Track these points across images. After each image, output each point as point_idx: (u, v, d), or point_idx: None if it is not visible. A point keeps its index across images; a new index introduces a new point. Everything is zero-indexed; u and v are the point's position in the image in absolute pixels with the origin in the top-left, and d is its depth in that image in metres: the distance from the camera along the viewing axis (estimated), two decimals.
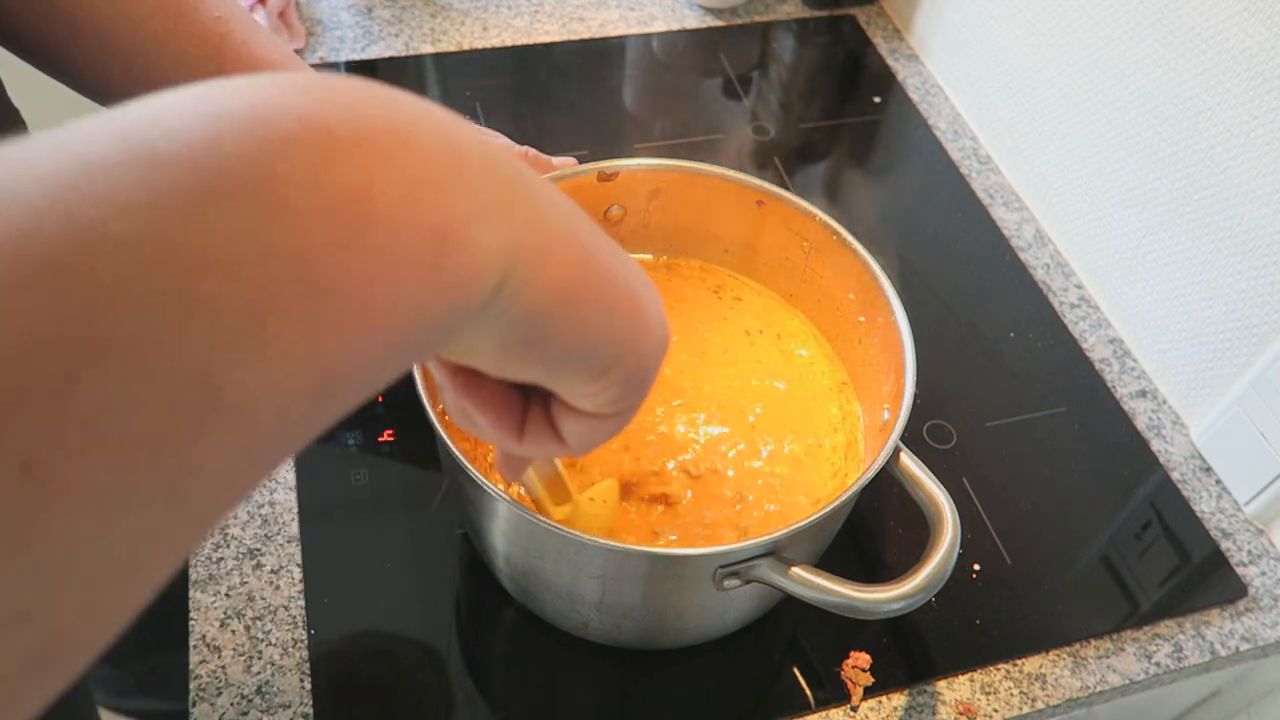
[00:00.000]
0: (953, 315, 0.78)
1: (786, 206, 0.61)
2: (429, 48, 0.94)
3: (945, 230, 0.84)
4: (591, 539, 0.47)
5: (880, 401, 0.58)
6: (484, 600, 0.60)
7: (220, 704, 0.54)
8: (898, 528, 0.65)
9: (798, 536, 0.48)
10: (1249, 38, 0.63)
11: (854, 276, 0.60)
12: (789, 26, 1.01)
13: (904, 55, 1.00)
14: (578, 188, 0.61)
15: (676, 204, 0.64)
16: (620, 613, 0.52)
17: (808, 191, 0.87)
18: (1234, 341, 0.68)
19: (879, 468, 0.50)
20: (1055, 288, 0.81)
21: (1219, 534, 0.67)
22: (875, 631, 0.60)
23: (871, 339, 0.59)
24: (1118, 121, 0.75)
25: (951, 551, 0.48)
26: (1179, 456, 0.71)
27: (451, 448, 0.47)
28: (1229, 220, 0.67)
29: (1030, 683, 0.59)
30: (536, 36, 0.96)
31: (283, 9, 0.89)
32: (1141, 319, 0.76)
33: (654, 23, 0.99)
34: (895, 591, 0.46)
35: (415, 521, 0.62)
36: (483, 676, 0.57)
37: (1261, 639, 0.63)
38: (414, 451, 0.65)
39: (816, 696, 0.57)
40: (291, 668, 0.56)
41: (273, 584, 0.59)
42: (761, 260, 0.66)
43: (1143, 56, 0.72)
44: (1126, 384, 0.75)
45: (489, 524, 0.51)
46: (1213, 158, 0.67)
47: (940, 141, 0.91)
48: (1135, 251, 0.76)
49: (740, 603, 0.53)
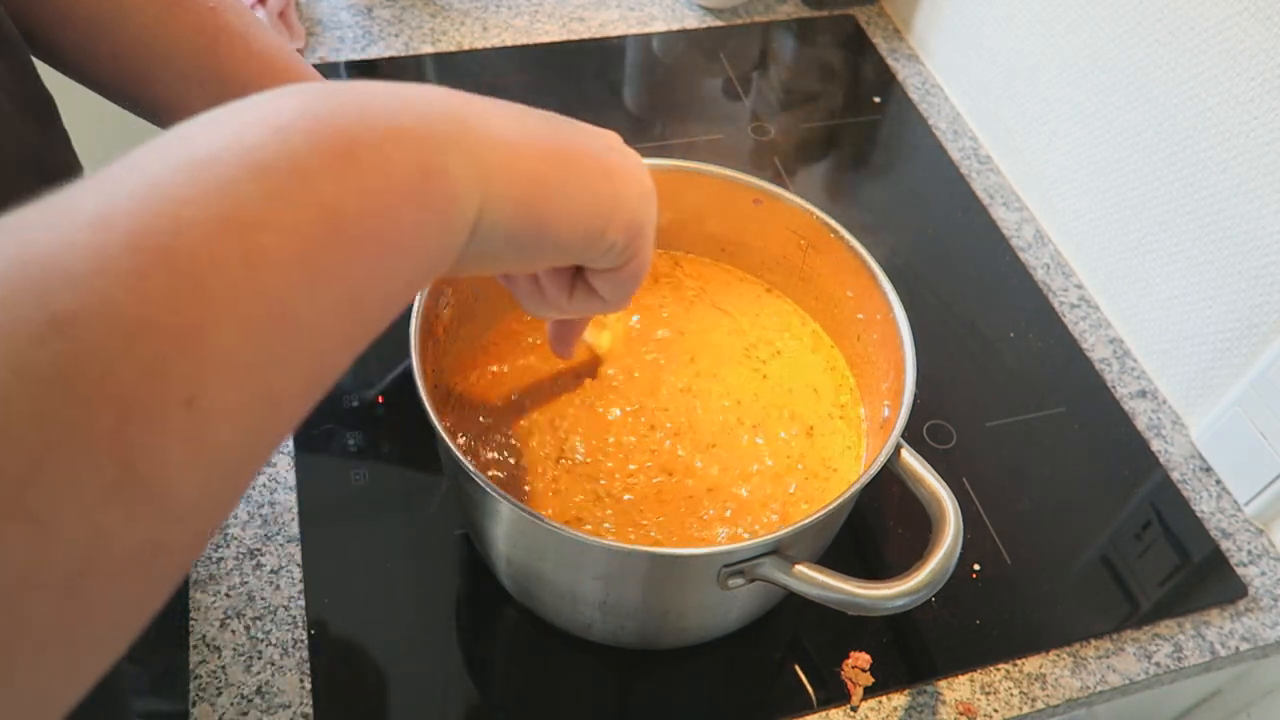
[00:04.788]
0: (953, 315, 0.78)
1: (783, 205, 0.61)
2: (429, 48, 0.93)
3: (945, 230, 0.84)
4: (593, 539, 0.47)
5: (880, 399, 0.58)
6: (484, 600, 0.60)
7: (220, 704, 0.54)
8: (898, 527, 0.65)
9: (801, 535, 0.48)
10: (1249, 38, 0.63)
11: (851, 273, 0.60)
12: (789, 26, 1.01)
13: (904, 55, 1.00)
14: None
15: (674, 203, 0.64)
16: (623, 613, 0.52)
17: (808, 192, 0.87)
18: (1234, 341, 0.68)
19: (881, 464, 0.50)
20: (1055, 288, 0.81)
21: (1219, 534, 0.67)
22: (875, 631, 0.60)
23: (870, 335, 0.59)
24: (1118, 121, 0.75)
25: (954, 548, 0.47)
26: (1179, 456, 0.71)
27: (452, 448, 0.47)
28: (1229, 220, 0.67)
29: (1030, 683, 0.59)
30: (536, 36, 0.96)
31: (283, 9, 0.89)
32: (1141, 319, 0.76)
33: (654, 23, 0.99)
34: (899, 588, 0.46)
35: (415, 521, 0.62)
36: (483, 676, 0.57)
37: (1261, 639, 0.63)
38: (414, 451, 0.65)
39: (817, 696, 0.57)
40: (291, 668, 0.56)
41: (273, 584, 0.59)
42: (759, 258, 0.66)
43: (1143, 56, 0.72)
44: (1126, 384, 0.75)
45: (490, 525, 0.51)
46: (1213, 158, 0.67)
47: (940, 141, 0.91)
48: (1135, 251, 0.76)
49: (742, 601, 0.53)
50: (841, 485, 0.57)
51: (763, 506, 0.56)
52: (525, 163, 0.31)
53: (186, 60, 0.50)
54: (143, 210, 0.21)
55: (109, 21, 0.48)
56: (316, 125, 0.24)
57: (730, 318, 0.65)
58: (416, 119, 0.27)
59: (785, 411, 0.61)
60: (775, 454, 0.59)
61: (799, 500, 0.57)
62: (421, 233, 0.27)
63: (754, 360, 0.63)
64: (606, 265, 0.38)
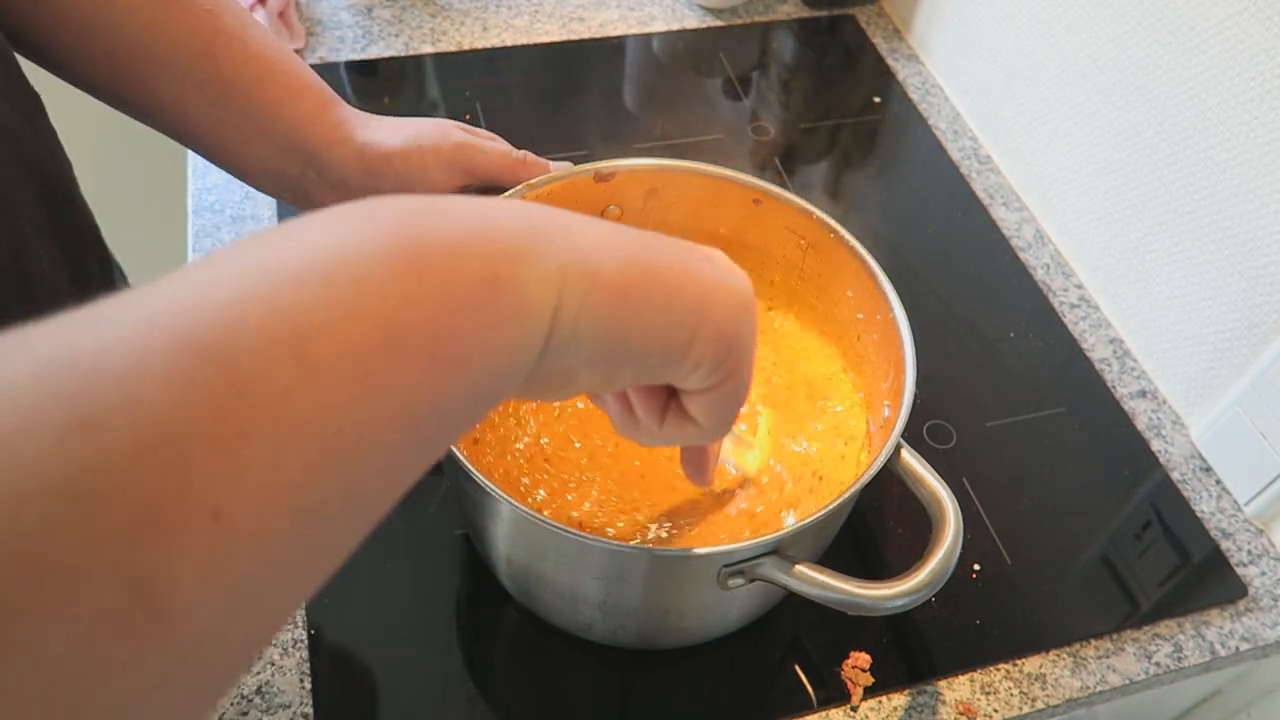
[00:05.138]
0: (953, 315, 0.78)
1: (783, 205, 0.61)
2: (429, 48, 0.93)
3: (945, 230, 0.84)
4: (593, 540, 0.47)
5: (880, 399, 0.58)
6: (484, 600, 0.60)
7: (220, 704, 0.54)
8: (898, 527, 0.65)
9: (801, 535, 0.48)
10: (1249, 38, 0.63)
11: (851, 273, 0.60)
12: (789, 26, 1.01)
13: (904, 55, 1.00)
14: (574, 188, 0.61)
15: (673, 203, 0.64)
16: (624, 613, 0.52)
17: (808, 191, 0.87)
18: (1234, 341, 0.68)
19: (882, 464, 0.50)
20: (1055, 288, 0.81)
21: (1219, 534, 0.67)
22: (875, 631, 0.60)
23: (870, 335, 0.59)
24: (1118, 121, 0.75)
25: (954, 547, 0.47)
26: (1179, 456, 0.71)
27: (452, 448, 0.47)
28: (1229, 220, 0.67)
29: (1030, 683, 0.59)
30: (536, 36, 0.96)
31: (283, 9, 0.89)
32: (1141, 319, 0.76)
33: (654, 23, 0.99)
34: (899, 588, 0.46)
35: (415, 521, 0.62)
36: (483, 676, 0.57)
37: (1261, 639, 0.63)
38: None
39: (817, 696, 0.57)
40: (291, 668, 0.56)
41: None
42: (759, 258, 0.66)
43: (1143, 56, 0.72)
44: (1126, 384, 0.75)
45: (490, 525, 0.51)
46: (1213, 158, 0.67)
47: (940, 141, 0.91)
48: (1135, 251, 0.76)
49: (742, 601, 0.53)
50: (840, 486, 0.57)
51: (760, 504, 0.56)
52: (608, 275, 0.29)
53: (184, 62, 0.49)
54: (196, 309, 0.20)
55: (104, 23, 0.47)
56: (395, 230, 0.24)
57: None
58: (491, 227, 0.26)
59: (784, 412, 0.61)
60: (775, 454, 0.59)
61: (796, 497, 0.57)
62: (485, 343, 0.25)
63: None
64: (697, 385, 0.34)
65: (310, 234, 0.23)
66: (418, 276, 0.23)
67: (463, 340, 0.24)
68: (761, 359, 0.63)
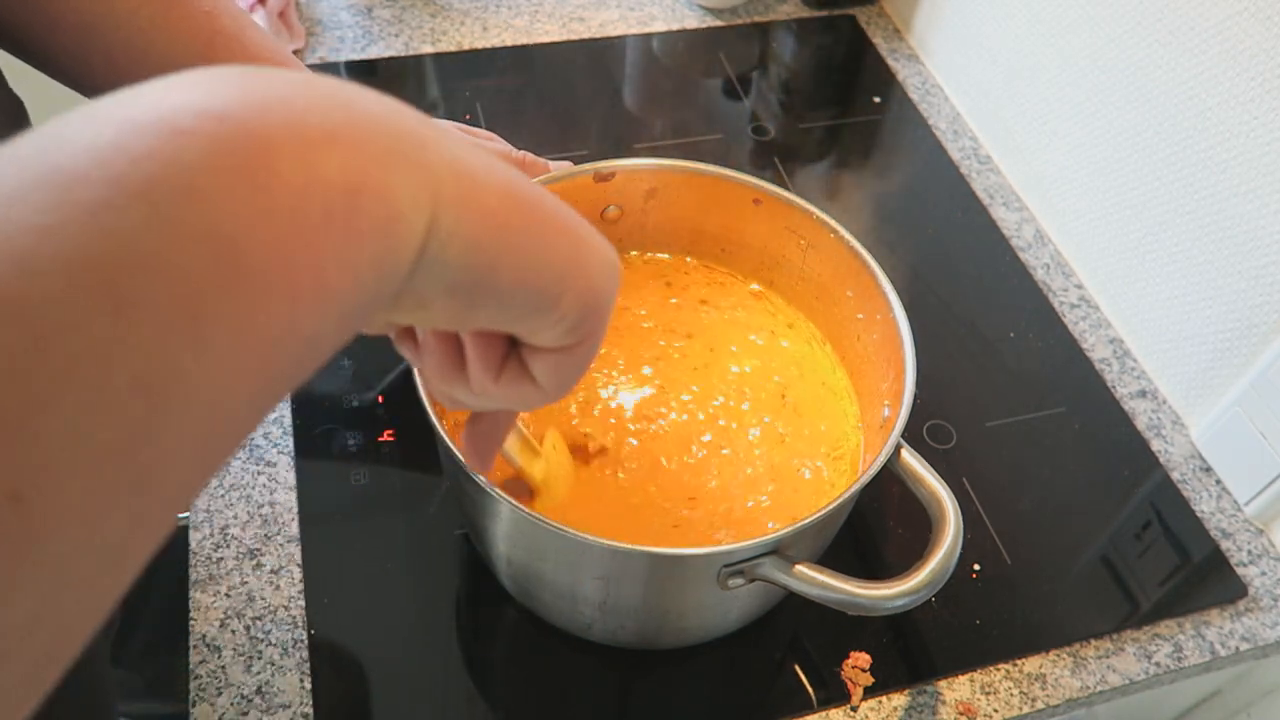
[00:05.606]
0: (953, 315, 0.78)
1: (783, 204, 0.61)
2: (429, 48, 0.93)
3: (945, 230, 0.84)
4: (594, 539, 0.47)
5: (880, 399, 0.58)
6: (484, 600, 0.60)
7: (220, 704, 0.54)
8: (898, 527, 0.65)
9: (800, 535, 0.48)
10: (1249, 38, 0.63)
11: (851, 273, 0.60)
12: (789, 26, 1.01)
13: (904, 55, 1.00)
14: (574, 188, 0.61)
15: (673, 203, 0.64)
16: (623, 613, 0.52)
17: (807, 192, 0.87)
18: (1234, 341, 0.68)
19: (881, 464, 0.50)
20: (1055, 288, 0.81)
21: (1219, 534, 0.67)
22: (875, 631, 0.60)
23: (870, 335, 0.59)
24: (1118, 121, 0.75)
25: (954, 547, 0.47)
26: (1179, 456, 0.71)
27: (452, 448, 0.47)
28: (1229, 220, 0.67)
29: (1030, 683, 0.59)
30: (536, 36, 0.96)
31: (282, 9, 0.89)
32: (1141, 319, 0.76)
33: (654, 23, 0.99)
34: (899, 588, 0.46)
35: (415, 521, 0.62)
36: (482, 676, 0.57)
37: (1261, 639, 0.63)
38: (414, 451, 0.65)
39: (817, 696, 0.57)
40: (291, 668, 0.56)
41: (273, 584, 0.59)
42: (759, 258, 0.66)
43: (1143, 56, 0.72)
44: (1126, 384, 0.75)
45: (490, 525, 0.51)
46: (1213, 158, 0.67)
47: (940, 141, 0.91)
48: (1135, 251, 0.76)
49: (742, 601, 0.53)
50: (839, 487, 0.58)
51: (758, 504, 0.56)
52: (488, 199, 0.25)
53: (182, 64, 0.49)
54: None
55: (101, 25, 0.47)
56: (222, 129, 0.19)
57: (726, 319, 0.65)
58: (353, 120, 0.22)
59: (783, 411, 0.61)
60: (771, 451, 0.59)
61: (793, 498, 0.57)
62: (350, 262, 0.21)
63: (754, 361, 0.63)
64: (551, 342, 0.30)
65: (114, 129, 0.18)
66: (263, 184, 0.19)
67: (321, 263, 0.20)
68: (762, 359, 0.63)
